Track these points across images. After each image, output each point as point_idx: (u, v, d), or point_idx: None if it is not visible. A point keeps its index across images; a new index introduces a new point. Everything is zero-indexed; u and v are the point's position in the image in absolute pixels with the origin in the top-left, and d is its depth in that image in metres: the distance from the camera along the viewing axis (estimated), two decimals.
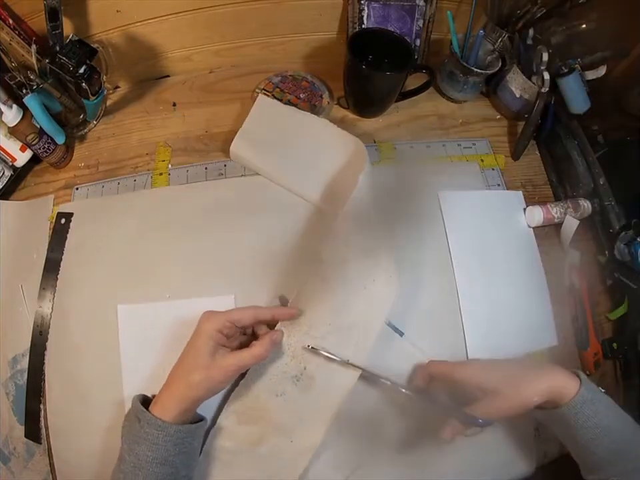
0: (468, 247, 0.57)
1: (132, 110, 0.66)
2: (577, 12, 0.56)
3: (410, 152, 0.64)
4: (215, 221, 0.56)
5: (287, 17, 0.66)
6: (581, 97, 0.58)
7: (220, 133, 0.64)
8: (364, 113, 0.67)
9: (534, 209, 0.59)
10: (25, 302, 0.51)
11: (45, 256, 0.53)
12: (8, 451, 0.47)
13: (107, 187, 0.59)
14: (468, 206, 0.59)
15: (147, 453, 0.37)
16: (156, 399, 0.40)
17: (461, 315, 0.53)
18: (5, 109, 0.51)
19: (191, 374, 0.40)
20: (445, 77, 0.68)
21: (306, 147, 0.59)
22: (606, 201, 0.58)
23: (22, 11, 0.53)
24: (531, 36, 0.62)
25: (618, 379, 0.57)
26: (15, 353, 0.50)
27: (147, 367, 0.47)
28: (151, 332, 0.49)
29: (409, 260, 0.54)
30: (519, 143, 0.65)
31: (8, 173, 0.57)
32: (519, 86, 0.64)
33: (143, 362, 0.48)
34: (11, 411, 0.48)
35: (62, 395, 0.48)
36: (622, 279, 0.56)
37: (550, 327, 0.55)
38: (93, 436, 0.46)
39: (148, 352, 0.48)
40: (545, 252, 0.59)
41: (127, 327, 0.49)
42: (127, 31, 0.61)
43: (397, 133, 0.66)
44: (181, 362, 0.42)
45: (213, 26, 0.65)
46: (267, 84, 0.68)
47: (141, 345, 0.48)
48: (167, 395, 0.40)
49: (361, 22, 0.66)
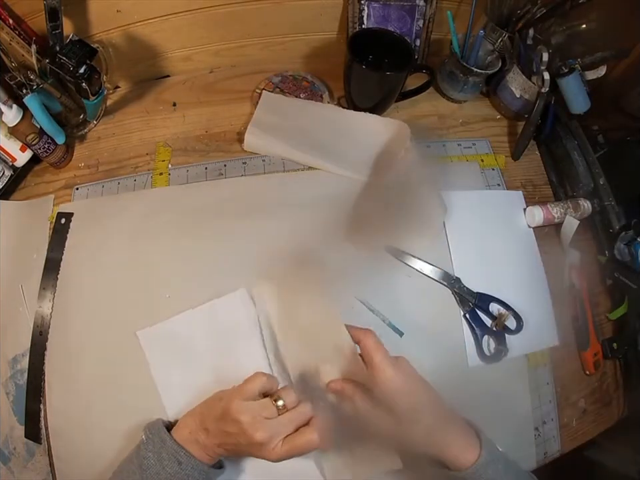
0: (468, 247, 0.57)
1: (132, 110, 0.66)
2: (577, 12, 0.56)
3: (410, 152, 0.64)
4: (214, 220, 0.56)
5: (287, 17, 0.66)
6: (581, 97, 0.58)
7: (220, 133, 0.64)
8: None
9: (534, 209, 0.59)
10: (24, 302, 0.51)
11: (45, 256, 0.53)
12: (8, 451, 0.47)
13: (107, 186, 0.59)
14: (468, 206, 0.59)
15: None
16: (188, 438, 0.39)
17: (461, 315, 0.54)
18: (5, 109, 0.51)
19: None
20: (445, 76, 0.68)
21: (324, 126, 0.63)
22: (606, 201, 0.59)
23: (22, 11, 0.53)
24: (531, 36, 0.62)
25: (618, 378, 0.57)
26: (15, 353, 0.50)
27: (183, 383, 0.47)
28: (177, 347, 0.48)
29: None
30: (519, 143, 0.65)
31: (8, 172, 0.57)
32: (519, 86, 0.64)
33: (177, 380, 0.47)
34: (11, 410, 0.48)
35: (62, 395, 0.48)
36: (622, 279, 0.56)
37: (551, 327, 0.55)
38: (92, 436, 0.46)
39: (180, 367, 0.48)
40: (545, 252, 0.59)
41: (152, 349, 0.48)
42: (127, 30, 0.61)
43: None
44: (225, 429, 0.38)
45: (213, 26, 0.65)
46: (267, 84, 0.68)
47: (171, 362, 0.48)
48: (209, 446, 0.39)
49: (361, 22, 0.66)
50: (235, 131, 0.64)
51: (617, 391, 0.57)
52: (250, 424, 0.37)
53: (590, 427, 0.54)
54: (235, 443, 0.38)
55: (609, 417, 0.56)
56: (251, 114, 0.64)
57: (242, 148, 0.62)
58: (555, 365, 0.54)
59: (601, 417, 0.55)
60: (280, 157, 0.62)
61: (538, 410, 0.52)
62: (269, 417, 0.38)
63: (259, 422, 0.37)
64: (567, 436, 0.53)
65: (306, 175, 0.61)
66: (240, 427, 0.37)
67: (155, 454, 0.38)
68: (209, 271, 0.53)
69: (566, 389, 0.54)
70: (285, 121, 0.63)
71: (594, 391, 0.55)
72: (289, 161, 0.62)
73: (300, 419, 0.39)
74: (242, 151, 0.62)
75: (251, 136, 0.61)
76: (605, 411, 0.55)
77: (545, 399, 0.53)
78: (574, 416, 0.54)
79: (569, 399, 0.54)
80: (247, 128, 0.61)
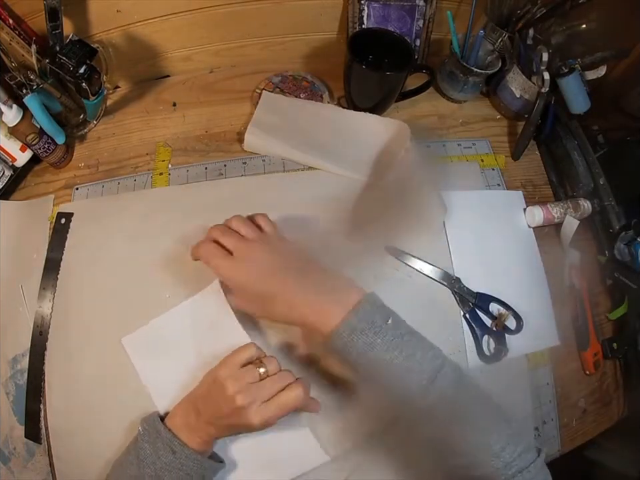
0: (468, 247, 0.57)
1: (132, 110, 0.66)
2: (577, 12, 0.56)
3: (410, 152, 0.64)
4: (214, 221, 0.55)
5: (287, 17, 0.66)
6: (581, 97, 0.58)
7: (220, 133, 0.64)
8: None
9: (534, 209, 0.59)
10: (24, 302, 0.51)
11: (45, 256, 0.53)
12: (8, 451, 0.47)
13: (107, 186, 0.59)
14: (468, 206, 0.59)
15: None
16: (180, 424, 0.40)
17: (461, 315, 0.54)
18: (5, 109, 0.51)
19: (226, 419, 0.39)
20: (445, 76, 0.68)
21: (324, 126, 0.63)
22: (606, 201, 0.59)
23: (22, 11, 0.53)
24: (531, 36, 0.62)
25: (618, 378, 0.57)
26: (15, 353, 0.50)
27: (171, 380, 0.46)
28: (162, 347, 0.48)
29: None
30: (519, 143, 0.65)
31: (8, 172, 0.57)
32: (519, 86, 0.64)
33: (165, 377, 0.47)
34: (11, 410, 0.48)
35: (62, 395, 0.48)
36: (622, 279, 0.56)
37: (551, 327, 0.55)
38: (92, 436, 0.46)
39: (167, 366, 0.47)
40: (545, 252, 0.59)
41: (138, 354, 0.48)
42: (127, 30, 0.61)
43: None
44: (212, 401, 0.39)
45: (213, 26, 0.65)
46: (267, 84, 0.68)
47: (157, 363, 0.48)
48: (199, 426, 0.39)
49: (361, 22, 0.66)
50: (235, 131, 0.64)
51: (617, 391, 0.57)
52: (232, 388, 0.37)
53: (590, 427, 0.54)
54: (221, 414, 0.38)
55: (609, 417, 0.56)
56: (250, 114, 0.64)
57: (242, 148, 0.62)
58: (555, 365, 0.54)
59: (601, 416, 0.55)
60: (280, 157, 0.62)
61: (538, 410, 0.52)
62: (251, 382, 0.38)
63: (242, 386, 0.38)
64: (567, 436, 0.53)
65: (306, 175, 0.61)
66: (224, 393, 0.37)
67: (151, 444, 0.39)
68: (209, 271, 0.52)
69: (566, 389, 0.54)
70: (284, 121, 0.63)
71: (594, 391, 0.55)
72: (289, 160, 0.62)
73: (281, 383, 0.39)
74: (242, 151, 0.62)
75: (251, 136, 0.61)
76: (605, 411, 0.55)
77: (545, 398, 0.53)
78: (574, 416, 0.54)
79: (569, 399, 0.54)
80: (247, 128, 0.61)
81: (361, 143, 0.63)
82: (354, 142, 0.63)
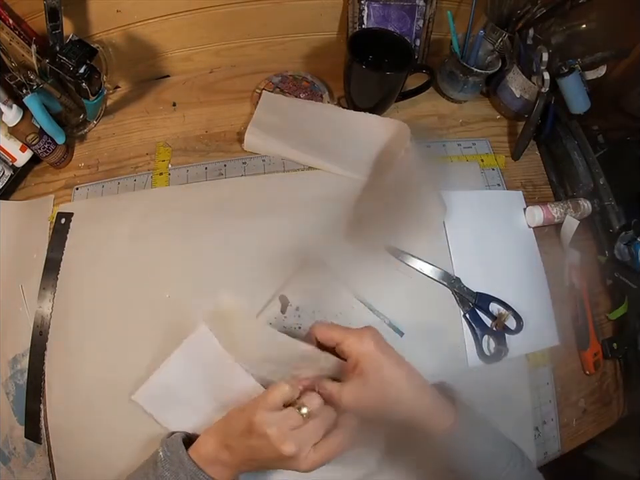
0: (468, 247, 0.57)
1: (132, 110, 0.66)
2: (576, 12, 0.56)
3: (410, 152, 0.64)
4: (215, 220, 0.56)
5: (286, 17, 0.66)
6: (581, 97, 0.58)
7: (220, 133, 0.64)
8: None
9: (534, 209, 0.59)
10: (24, 302, 0.51)
11: (45, 256, 0.53)
12: (8, 450, 0.47)
13: (107, 186, 0.59)
14: (468, 206, 0.59)
15: None
16: (207, 458, 0.38)
17: (461, 315, 0.54)
18: (5, 109, 0.51)
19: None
20: (445, 76, 0.68)
21: (324, 126, 0.63)
22: (606, 201, 0.59)
23: (22, 11, 0.53)
24: (531, 36, 0.62)
25: (618, 378, 0.57)
26: (15, 353, 0.50)
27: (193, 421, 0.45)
28: (172, 396, 0.46)
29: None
30: (519, 143, 0.65)
31: (8, 172, 0.57)
32: (518, 86, 0.64)
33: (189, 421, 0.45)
34: (11, 410, 0.48)
35: (62, 395, 0.48)
36: (622, 279, 0.56)
37: (551, 327, 0.55)
38: (93, 436, 0.46)
39: (184, 413, 0.45)
40: (545, 252, 0.59)
41: (153, 406, 0.46)
42: (127, 30, 0.61)
43: None
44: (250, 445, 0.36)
45: (213, 26, 0.65)
46: (267, 84, 0.68)
47: (175, 412, 0.46)
48: (233, 464, 0.37)
49: (361, 22, 0.66)
50: (235, 131, 0.64)
51: (617, 391, 0.57)
52: (276, 437, 0.34)
53: (590, 427, 0.54)
54: (262, 458, 0.36)
55: (608, 417, 0.56)
56: (250, 114, 0.64)
57: (242, 148, 0.62)
58: (555, 365, 0.54)
59: (600, 417, 0.55)
60: (280, 157, 0.62)
61: (538, 410, 0.52)
62: (295, 427, 0.35)
63: (286, 434, 0.35)
64: (567, 436, 0.53)
65: (306, 175, 0.61)
66: (267, 441, 0.34)
67: (173, 474, 0.37)
68: (209, 271, 0.53)
69: (566, 389, 0.54)
70: (284, 121, 0.63)
71: (594, 391, 0.55)
72: (289, 160, 0.62)
73: (327, 424, 0.37)
74: (242, 151, 0.62)
75: (251, 136, 0.61)
76: (605, 411, 0.55)
77: (545, 398, 0.53)
78: (574, 416, 0.54)
79: (569, 399, 0.54)
80: (247, 128, 0.61)
81: (361, 143, 0.63)
82: (354, 142, 0.63)
